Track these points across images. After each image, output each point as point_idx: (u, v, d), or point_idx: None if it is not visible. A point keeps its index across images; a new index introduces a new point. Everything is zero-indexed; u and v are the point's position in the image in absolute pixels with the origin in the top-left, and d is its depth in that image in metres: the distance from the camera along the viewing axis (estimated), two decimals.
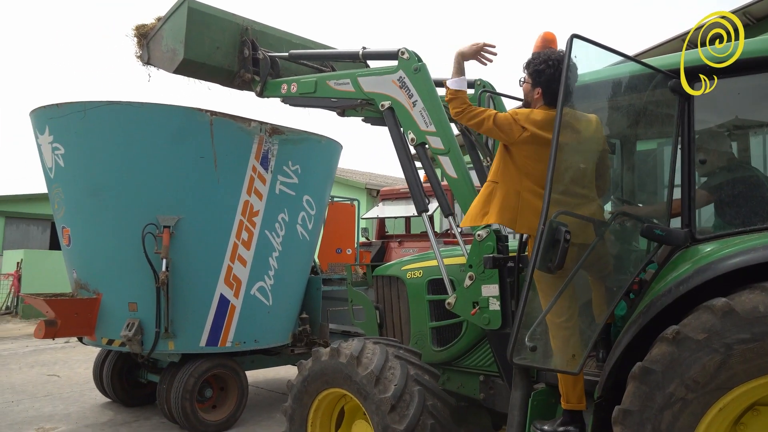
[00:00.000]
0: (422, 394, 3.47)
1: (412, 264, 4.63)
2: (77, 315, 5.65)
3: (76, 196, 5.68)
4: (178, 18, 5.06)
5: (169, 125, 5.46)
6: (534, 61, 3.37)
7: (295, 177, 6.15)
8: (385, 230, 11.03)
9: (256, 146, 5.79)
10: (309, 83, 4.84)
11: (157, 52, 5.31)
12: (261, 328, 6.08)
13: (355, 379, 3.57)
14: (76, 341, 7.88)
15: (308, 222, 6.42)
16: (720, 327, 2.36)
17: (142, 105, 5.42)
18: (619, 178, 3.75)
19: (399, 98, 4.20)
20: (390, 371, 3.52)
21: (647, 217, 3.28)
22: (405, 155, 4.24)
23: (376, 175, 22.56)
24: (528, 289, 2.92)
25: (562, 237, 2.77)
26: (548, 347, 3.14)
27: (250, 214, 5.84)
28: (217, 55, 5.11)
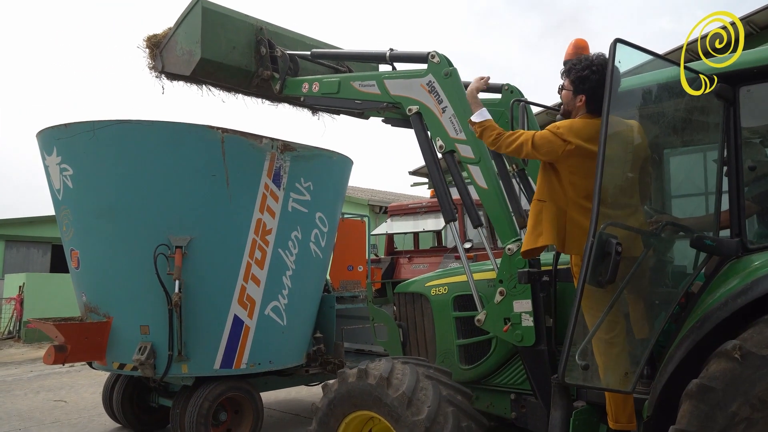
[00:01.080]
0: (456, 416, 3.33)
1: (436, 280, 4.51)
2: (87, 339, 5.51)
3: (86, 218, 5.57)
4: (193, 19, 5.00)
5: (180, 144, 5.36)
6: (576, 67, 3.25)
7: (307, 194, 6.04)
8: (394, 246, 10.92)
9: (268, 163, 5.69)
10: (332, 83, 4.69)
11: (172, 57, 5.21)
12: (275, 348, 5.94)
13: (385, 401, 3.43)
14: (81, 365, 7.73)
15: (321, 239, 6.30)
16: None
17: (152, 123, 5.33)
18: (660, 187, 3.59)
19: (428, 103, 4.05)
20: (422, 392, 3.39)
21: (695, 227, 3.14)
22: (433, 162, 4.11)
23: (377, 191, 22.49)
24: (578, 305, 2.77)
25: (613, 249, 2.66)
26: (599, 365, 3.00)
27: (263, 232, 5.72)
28: (234, 55, 5.03)
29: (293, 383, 6.85)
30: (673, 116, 3.28)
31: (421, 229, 10.30)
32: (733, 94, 2.88)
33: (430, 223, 10.15)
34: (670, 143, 3.56)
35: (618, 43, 2.74)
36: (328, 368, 6.47)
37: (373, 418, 3.70)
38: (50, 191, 5.88)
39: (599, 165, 2.74)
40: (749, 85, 2.87)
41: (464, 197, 3.99)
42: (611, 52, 2.75)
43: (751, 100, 2.86)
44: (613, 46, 2.74)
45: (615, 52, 2.74)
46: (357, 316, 6.91)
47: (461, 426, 3.33)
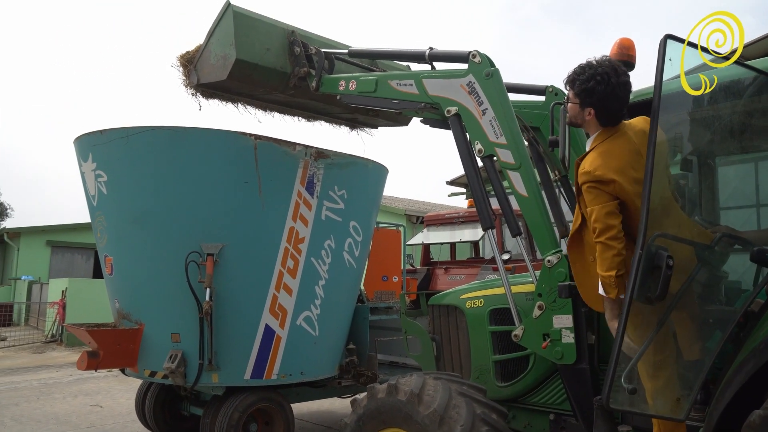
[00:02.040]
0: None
1: (472, 292, 4.33)
2: (119, 346, 5.48)
3: (119, 224, 5.56)
4: (225, 25, 5.02)
5: (213, 150, 5.31)
6: (579, 78, 3.00)
7: (341, 202, 5.92)
8: (430, 257, 10.73)
9: (302, 171, 5.60)
10: (369, 82, 4.58)
11: (206, 68, 5.23)
12: (307, 359, 5.81)
13: (415, 418, 3.28)
14: (118, 370, 7.79)
15: (355, 249, 6.17)
16: None
17: (185, 130, 5.29)
18: (710, 195, 3.35)
19: (467, 105, 3.88)
20: (454, 410, 3.22)
21: (755, 240, 2.88)
22: (471, 166, 3.91)
23: (415, 201, 22.33)
24: (625, 323, 2.56)
25: (664, 263, 2.45)
26: (647, 389, 2.77)
27: (295, 241, 5.62)
28: (269, 57, 5.02)
29: (325, 395, 6.71)
30: (727, 120, 3.02)
31: (457, 239, 10.10)
32: None
33: (467, 233, 9.94)
34: (723, 149, 3.32)
35: (669, 39, 2.56)
36: (361, 380, 6.31)
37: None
38: (86, 198, 5.91)
39: (648, 173, 2.54)
40: None
41: (503, 204, 3.80)
42: (661, 48, 2.56)
43: None
44: (663, 43, 2.56)
45: (665, 48, 2.55)
46: (391, 327, 6.75)
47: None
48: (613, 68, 2.94)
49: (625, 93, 2.97)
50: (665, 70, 2.62)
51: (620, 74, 2.93)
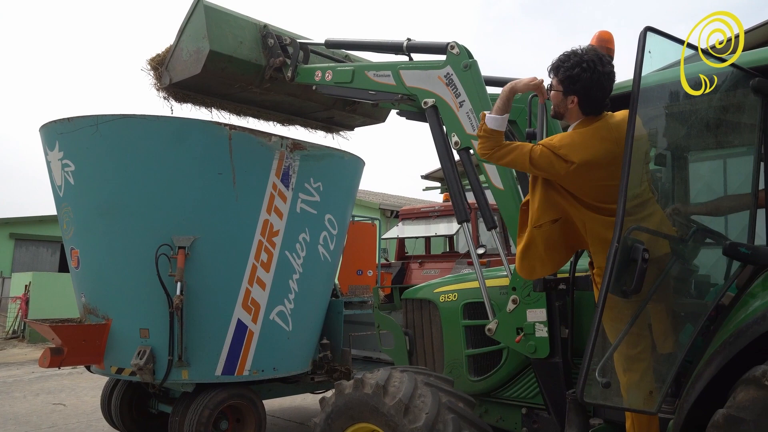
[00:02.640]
0: (457, 423, 3.14)
1: (445, 286, 4.30)
2: (85, 342, 5.29)
3: (87, 216, 5.36)
4: (196, 20, 4.97)
5: (186, 140, 5.14)
6: (564, 65, 2.93)
7: (316, 195, 5.81)
8: (404, 251, 10.68)
9: (277, 162, 5.47)
10: (346, 72, 4.55)
11: (179, 65, 5.16)
12: (280, 355, 5.70)
13: (382, 410, 3.26)
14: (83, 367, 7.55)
15: (330, 242, 6.06)
16: None
17: (158, 118, 5.12)
18: (685, 190, 3.34)
19: (444, 96, 3.85)
20: (420, 399, 3.21)
21: (728, 234, 2.91)
22: (447, 159, 3.90)
23: (389, 196, 22.27)
24: (600, 317, 2.54)
25: (640, 256, 2.43)
26: (621, 383, 2.76)
27: (269, 234, 5.50)
28: (243, 49, 4.99)
29: (298, 390, 6.62)
30: (703, 115, 2.99)
31: (433, 233, 10.06)
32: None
33: (442, 227, 9.91)
34: (699, 144, 3.32)
35: (648, 31, 2.52)
36: (334, 376, 6.22)
37: (374, 430, 3.47)
38: (52, 188, 5.69)
39: (626, 166, 2.51)
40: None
41: (479, 197, 3.77)
42: (641, 41, 2.52)
43: None
44: (642, 36, 2.52)
45: (645, 41, 2.50)
46: (366, 322, 6.66)
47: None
48: (599, 57, 2.90)
49: (609, 83, 2.93)
50: (645, 63, 2.57)
51: (605, 63, 2.89)
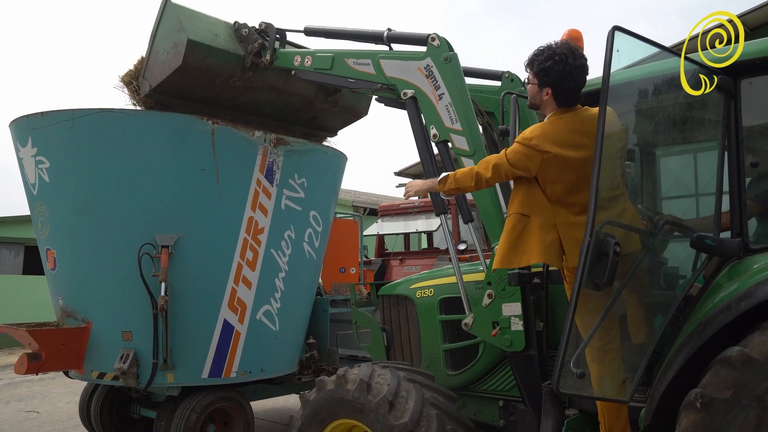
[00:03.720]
0: (441, 418, 3.22)
1: (421, 282, 4.35)
2: (64, 346, 5.07)
3: (63, 215, 5.15)
4: (168, 18, 4.98)
5: (167, 135, 4.98)
6: (538, 59, 3.04)
7: (301, 191, 5.70)
8: (384, 248, 10.61)
9: (261, 158, 5.34)
10: (325, 59, 4.51)
11: (157, 68, 5.06)
12: (267, 355, 5.58)
13: (366, 406, 3.31)
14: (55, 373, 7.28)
15: (315, 239, 5.96)
16: None
17: (137, 113, 4.97)
18: (655, 185, 3.46)
19: (424, 88, 3.85)
20: (403, 395, 3.27)
21: (695, 227, 2.99)
22: (426, 150, 3.91)
23: (361, 193, 22.19)
24: (573, 309, 2.60)
25: (611, 250, 2.50)
26: (594, 373, 2.85)
27: (254, 231, 5.36)
28: (219, 41, 4.96)
29: (284, 391, 6.49)
30: (670, 111, 3.13)
31: (412, 230, 10.01)
32: (734, 87, 2.77)
33: (421, 223, 9.86)
34: (666, 140, 3.43)
35: (616, 31, 2.59)
36: (317, 378, 6.13)
37: (355, 426, 3.52)
38: (24, 186, 5.45)
39: (596, 160, 2.58)
40: (751, 77, 2.76)
41: None
42: (609, 40, 2.59)
43: (752, 93, 2.76)
44: (611, 35, 2.59)
45: (613, 40, 2.58)
46: (351, 320, 6.57)
47: (446, 429, 3.22)
48: (571, 51, 3.00)
49: (581, 75, 3.03)
50: (613, 62, 2.66)
51: (577, 57, 2.99)
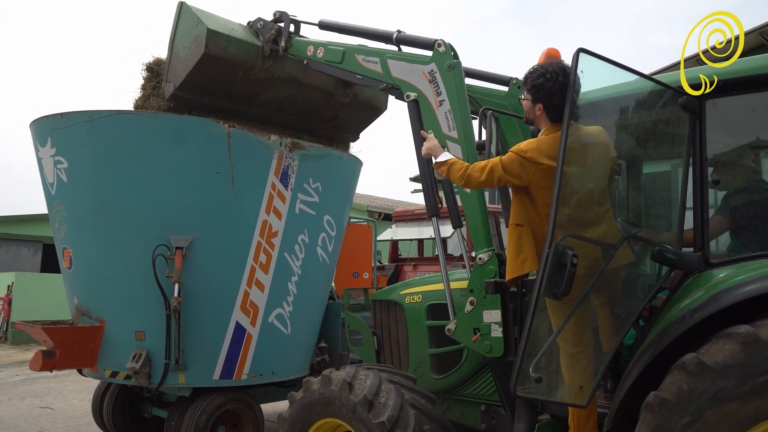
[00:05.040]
0: (419, 419, 3.34)
1: (411, 288, 4.51)
2: (78, 345, 5.13)
3: (80, 214, 5.21)
4: (185, 18, 5.12)
5: (183, 138, 5.02)
6: (531, 76, 3.23)
7: (315, 195, 5.71)
8: (398, 253, 10.60)
9: (276, 162, 5.36)
10: (336, 52, 4.63)
11: (179, 66, 5.16)
12: (279, 358, 5.59)
13: (347, 405, 3.45)
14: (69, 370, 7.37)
15: (328, 244, 5.97)
16: (744, 356, 2.24)
17: (155, 115, 5.01)
18: (626, 199, 3.57)
19: (426, 93, 3.92)
20: (384, 395, 3.41)
21: (658, 241, 3.09)
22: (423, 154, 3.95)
23: (377, 198, 22.20)
24: (532, 316, 2.73)
25: (569, 261, 2.59)
26: (554, 378, 2.97)
27: (268, 234, 5.39)
28: (236, 33, 5.07)
29: None
30: (637, 129, 3.27)
31: (426, 236, 9.99)
32: (699, 107, 2.87)
33: None
34: (634, 156, 3.53)
35: (581, 52, 2.71)
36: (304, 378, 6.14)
37: (339, 425, 3.63)
38: (43, 186, 5.53)
39: (558, 175, 2.69)
40: (715, 98, 2.87)
41: (448, 196, 3.93)
42: (574, 61, 2.71)
43: (716, 114, 2.88)
44: (575, 56, 2.71)
45: (578, 61, 2.71)
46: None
47: (423, 429, 3.33)
48: (562, 69, 3.13)
49: None
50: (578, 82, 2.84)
51: (568, 74, 3.08)
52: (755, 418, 2.21)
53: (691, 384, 2.32)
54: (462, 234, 3.97)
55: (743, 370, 2.23)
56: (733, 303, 2.40)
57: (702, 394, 2.29)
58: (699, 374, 2.31)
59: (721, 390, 2.26)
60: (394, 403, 3.34)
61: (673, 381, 2.37)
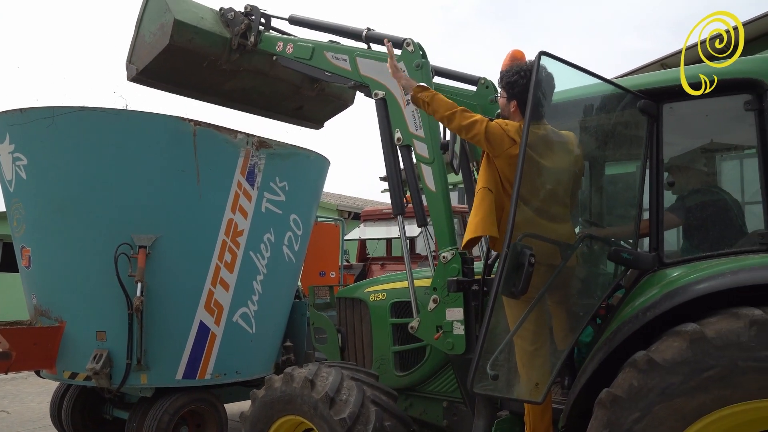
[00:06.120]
0: (380, 415, 3.38)
1: (376, 286, 4.55)
2: (36, 345, 5.02)
3: (40, 213, 5.09)
4: (153, 2, 5.01)
5: (148, 135, 4.95)
6: (506, 74, 3.31)
7: (282, 194, 5.69)
8: (366, 253, 10.61)
9: (242, 160, 5.33)
10: (306, 48, 4.63)
11: (143, 51, 5.08)
12: (243, 358, 5.56)
13: (309, 402, 3.48)
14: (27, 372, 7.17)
15: (295, 243, 5.96)
16: (690, 353, 2.32)
17: (118, 112, 4.92)
18: (588, 200, 3.68)
19: (394, 91, 3.97)
20: (345, 392, 3.44)
21: (615, 241, 3.19)
22: (390, 152, 4.03)
23: (347, 197, 22.18)
24: (490, 314, 2.79)
25: (527, 261, 2.65)
26: (511, 375, 3.03)
27: (234, 233, 5.35)
28: (205, 23, 5.00)
29: None
30: (598, 131, 3.35)
31: (394, 235, 10.02)
32: (657, 110, 2.96)
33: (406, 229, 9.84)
34: (595, 158, 3.63)
35: (542, 55, 2.77)
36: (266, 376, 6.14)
37: (302, 423, 3.66)
38: (1, 183, 5.39)
39: (518, 174, 2.73)
40: (672, 102, 2.94)
41: (414, 195, 3.96)
42: (536, 64, 2.77)
43: (673, 117, 2.96)
44: (537, 59, 2.77)
45: (539, 64, 2.77)
46: None
47: (384, 425, 3.36)
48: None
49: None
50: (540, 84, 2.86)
51: (542, 73, 3.12)
52: (700, 411, 2.29)
53: (641, 381, 2.39)
54: (428, 233, 4.00)
55: (689, 367, 2.31)
56: (683, 301, 2.47)
57: (651, 391, 2.36)
58: (649, 371, 2.38)
59: (669, 386, 2.33)
60: (356, 400, 3.38)
61: (625, 378, 2.44)
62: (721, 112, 3.02)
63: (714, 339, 2.28)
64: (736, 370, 2.23)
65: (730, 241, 3.01)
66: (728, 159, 3.54)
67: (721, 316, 2.34)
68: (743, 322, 2.26)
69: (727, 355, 2.26)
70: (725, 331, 2.28)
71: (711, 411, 2.29)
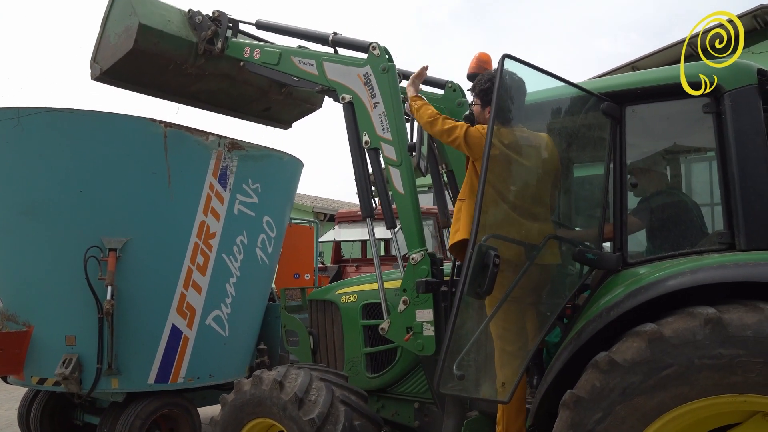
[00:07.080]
0: (349, 415, 3.40)
1: (347, 288, 4.58)
2: (2, 351, 4.95)
3: (5, 215, 5.01)
4: (120, 2, 4.93)
5: (118, 136, 4.91)
6: (479, 82, 3.37)
7: (255, 196, 5.68)
8: (341, 254, 10.61)
9: (214, 162, 5.31)
10: (273, 54, 4.62)
11: (108, 51, 5.01)
12: (216, 361, 5.53)
13: (278, 404, 3.48)
14: None
15: (268, 245, 5.94)
16: (649, 353, 2.36)
17: (87, 113, 4.86)
18: (555, 201, 3.69)
19: (361, 95, 3.99)
20: (314, 393, 3.47)
21: (579, 241, 3.24)
22: (358, 155, 4.06)
23: (322, 199, 22.15)
24: (456, 315, 2.81)
25: (491, 261, 2.68)
26: (478, 375, 3.07)
27: (206, 236, 5.32)
28: (172, 26, 4.94)
29: None
30: (563, 133, 3.41)
31: (369, 237, 10.03)
32: (619, 113, 3.01)
33: (378, 231, 9.86)
34: (564, 158, 3.67)
35: (506, 58, 2.81)
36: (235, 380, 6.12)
37: (273, 425, 3.66)
38: None
39: (482, 177, 2.76)
40: (634, 104, 3.03)
41: (382, 197, 3.99)
42: (500, 66, 2.80)
43: (635, 120, 3.02)
44: (501, 62, 2.80)
45: (503, 67, 2.81)
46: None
47: (354, 425, 3.38)
48: (509, 74, 3.21)
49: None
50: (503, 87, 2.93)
51: (514, 80, 3.18)
52: (659, 410, 2.34)
53: (603, 381, 2.43)
54: (396, 235, 4.03)
55: (648, 366, 2.35)
56: (645, 300, 2.52)
57: (612, 391, 2.41)
58: (610, 371, 2.42)
59: (629, 386, 2.38)
60: (324, 400, 3.40)
61: (588, 379, 2.48)
62: (682, 114, 3.08)
63: (671, 338, 2.33)
64: (693, 368, 2.28)
65: (691, 241, 3.08)
66: (690, 161, 3.61)
67: (678, 315, 2.39)
68: (698, 321, 2.31)
69: (684, 354, 2.30)
70: (682, 330, 2.32)
71: (670, 409, 2.33)
